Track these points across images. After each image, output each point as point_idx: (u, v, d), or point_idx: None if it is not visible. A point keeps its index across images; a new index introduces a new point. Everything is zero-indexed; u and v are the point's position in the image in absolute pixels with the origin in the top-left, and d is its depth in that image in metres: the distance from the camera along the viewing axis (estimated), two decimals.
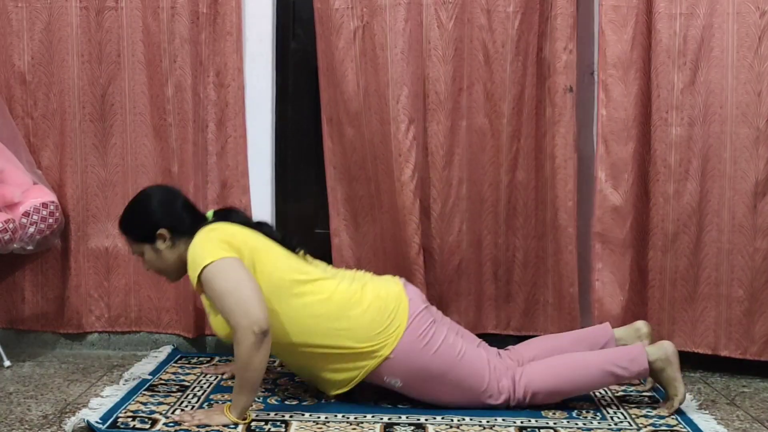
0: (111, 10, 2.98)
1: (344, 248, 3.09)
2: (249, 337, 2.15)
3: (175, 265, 2.44)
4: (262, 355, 2.19)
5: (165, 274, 2.51)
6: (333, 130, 3.03)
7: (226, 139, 3.03)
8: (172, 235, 2.41)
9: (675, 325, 2.89)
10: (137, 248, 2.48)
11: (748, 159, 2.78)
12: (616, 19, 2.84)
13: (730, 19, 2.78)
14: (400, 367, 2.36)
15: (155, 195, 2.49)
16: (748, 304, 2.82)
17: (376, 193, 3.04)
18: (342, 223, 3.08)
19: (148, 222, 2.42)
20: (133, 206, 2.50)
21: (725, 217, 2.82)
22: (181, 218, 2.43)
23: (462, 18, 2.91)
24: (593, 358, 2.46)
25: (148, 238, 2.43)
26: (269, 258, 2.37)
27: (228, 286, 2.22)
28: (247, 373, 2.20)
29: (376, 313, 2.36)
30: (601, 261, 2.93)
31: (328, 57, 2.98)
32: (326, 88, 3.01)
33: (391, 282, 2.49)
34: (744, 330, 2.83)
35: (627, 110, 2.86)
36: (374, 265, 3.06)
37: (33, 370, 2.86)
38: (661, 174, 2.84)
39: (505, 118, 2.95)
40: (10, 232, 2.81)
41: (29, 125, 3.03)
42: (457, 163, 2.97)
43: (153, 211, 2.43)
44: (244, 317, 2.17)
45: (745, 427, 2.38)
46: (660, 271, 2.87)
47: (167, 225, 2.41)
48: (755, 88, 2.77)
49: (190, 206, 2.51)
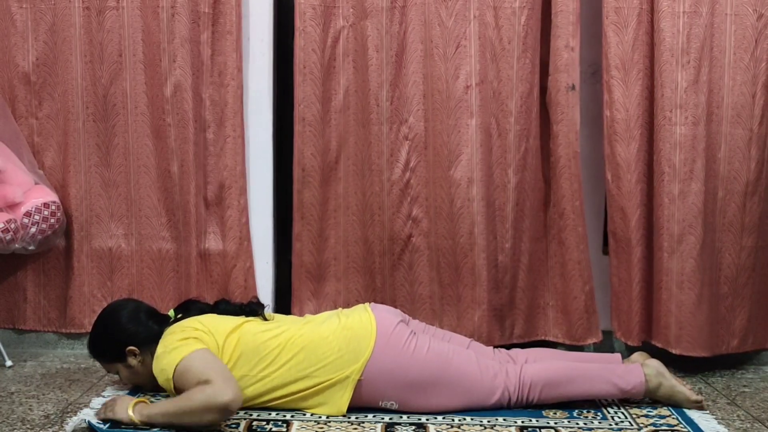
0: (112, 10, 2.98)
1: (305, 253, 3.06)
2: (221, 401, 2.12)
3: (150, 376, 2.45)
4: (210, 421, 2.16)
5: (145, 386, 2.54)
6: (305, 130, 3.01)
7: (224, 139, 3.03)
8: (141, 348, 2.45)
9: (682, 330, 2.84)
10: (111, 368, 2.54)
11: (741, 160, 2.82)
12: (618, 21, 2.84)
13: (729, 20, 2.80)
14: (387, 387, 2.36)
15: (117, 314, 2.52)
16: (731, 300, 2.88)
17: (344, 195, 3.04)
18: (305, 227, 3.05)
19: (116, 341, 2.47)
20: (99, 329, 2.53)
21: (717, 217, 2.86)
22: (148, 328, 2.47)
23: (465, 15, 2.90)
24: (591, 365, 2.49)
25: (119, 358, 2.48)
26: (234, 333, 2.39)
27: (202, 367, 2.23)
28: (183, 417, 2.17)
29: (344, 343, 2.37)
30: (616, 257, 2.94)
31: (306, 54, 2.98)
32: (301, 86, 2.99)
33: (358, 310, 2.51)
34: (726, 325, 2.89)
35: (629, 111, 2.86)
36: (334, 268, 3.07)
37: (35, 370, 2.87)
38: (666, 174, 2.84)
39: (513, 116, 2.94)
40: (11, 232, 2.81)
41: (33, 125, 3.04)
42: (466, 162, 2.93)
43: (118, 331, 2.48)
44: (227, 385, 2.15)
45: (745, 426, 2.38)
46: (666, 273, 2.86)
47: (134, 341, 2.45)
48: (750, 90, 2.80)
49: (152, 312, 2.56)
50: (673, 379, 2.48)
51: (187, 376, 2.23)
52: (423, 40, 2.92)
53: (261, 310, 2.56)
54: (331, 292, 3.09)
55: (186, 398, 2.18)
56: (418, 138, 2.96)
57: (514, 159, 2.95)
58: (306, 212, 3.04)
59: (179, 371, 2.24)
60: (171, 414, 2.18)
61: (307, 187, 3.03)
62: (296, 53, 2.97)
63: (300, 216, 3.04)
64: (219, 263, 3.04)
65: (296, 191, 3.03)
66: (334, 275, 3.08)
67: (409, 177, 2.98)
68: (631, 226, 2.89)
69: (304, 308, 3.07)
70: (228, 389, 2.14)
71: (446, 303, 3.00)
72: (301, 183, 3.02)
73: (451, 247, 2.96)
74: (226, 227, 3.03)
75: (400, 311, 2.61)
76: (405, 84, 2.95)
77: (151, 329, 2.46)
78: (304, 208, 3.04)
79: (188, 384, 2.21)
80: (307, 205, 3.03)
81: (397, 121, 2.97)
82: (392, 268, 3.02)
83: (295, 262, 3.07)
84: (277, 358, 2.36)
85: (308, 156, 3.01)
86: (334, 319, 2.46)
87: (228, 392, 2.14)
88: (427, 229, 2.99)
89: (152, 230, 3.06)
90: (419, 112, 2.95)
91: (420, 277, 3.01)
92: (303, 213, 3.04)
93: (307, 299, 3.08)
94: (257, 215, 3.10)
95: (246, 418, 2.33)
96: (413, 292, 3.02)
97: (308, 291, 3.08)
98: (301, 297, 3.08)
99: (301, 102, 2.99)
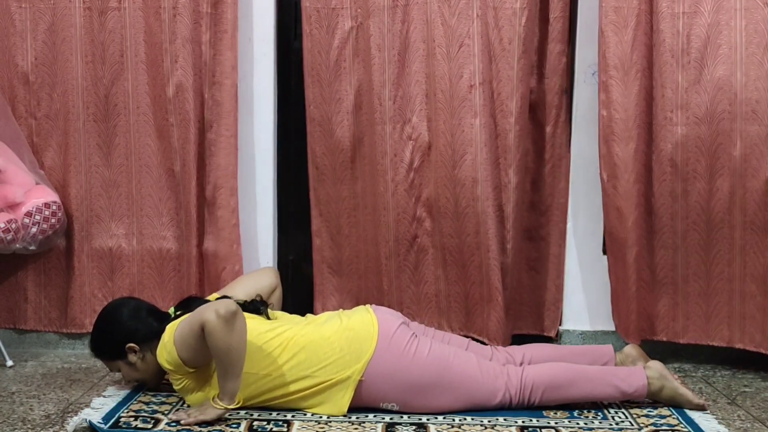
0: (114, 11, 2.98)
1: (325, 249, 3.10)
2: (217, 322, 2.16)
3: (152, 374, 2.50)
4: (238, 336, 2.20)
5: (146, 383, 2.57)
6: (317, 130, 3.03)
7: (218, 138, 3.01)
8: (141, 345, 2.47)
9: (689, 320, 2.90)
10: (113, 365, 2.55)
11: (759, 156, 2.75)
12: (616, 21, 2.83)
13: (738, 15, 2.74)
14: (388, 389, 2.36)
15: (119, 312, 2.54)
16: (761, 300, 2.81)
17: (362, 194, 3.05)
18: (324, 224, 3.09)
19: (116, 339, 2.48)
20: (99, 328, 2.55)
21: (736, 215, 2.80)
22: (148, 325, 2.48)
23: (469, 14, 2.89)
24: (592, 368, 2.49)
25: (120, 355, 2.49)
26: None
27: (189, 320, 2.27)
28: (228, 358, 2.21)
29: (345, 343, 2.37)
30: (613, 257, 2.94)
31: (314, 55, 2.99)
32: (311, 87, 3.01)
33: (359, 311, 2.51)
34: (758, 325, 2.83)
35: (627, 111, 2.85)
36: (355, 266, 3.09)
37: (35, 370, 2.87)
38: (668, 173, 2.83)
39: (513, 117, 2.93)
40: (12, 232, 2.81)
41: (32, 125, 3.04)
42: (470, 162, 2.92)
43: (119, 329, 2.49)
44: (207, 311, 2.19)
45: (746, 426, 2.38)
46: (672, 269, 2.88)
47: (134, 338, 2.46)
48: (764, 85, 2.72)
49: (153, 310, 2.57)
50: (675, 381, 2.48)
51: (185, 337, 2.25)
52: (425, 39, 2.92)
53: (264, 308, 2.56)
54: (353, 289, 3.12)
55: (214, 353, 2.21)
56: (422, 138, 2.96)
57: (514, 159, 2.95)
58: (323, 209, 3.07)
59: (178, 339, 2.27)
60: (223, 367, 2.23)
61: (322, 185, 3.06)
62: (305, 56, 2.99)
63: (318, 212, 3.08)
64: (213, 264, 3.04)
65: (312, 189, 3.07)
66: (356, 272, 3.10)
67: (414, 177, 2.99)
68: (627, 225, 2.88)
69: (327, 303, 3.12)
70: (216, 309, 2.17)
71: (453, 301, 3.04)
72: (316, 181, 3.06)
73: (457, 246, 2.98)
74: (218, 228, 3.03)
75: (401, 313, 2.61)
76: (408, 83, 2.95)
77: (151, 326, 2.47)
78: (321, 205, 3.07)
79: (191, 341, 2.24)
80: (324, 202, 3.06)
81: (400, 121, 2.97)
82: (398, 269, 3.03)
83: (316, 257, 3.10)
84: (279, 358, 2.36)
85: (320, 155, 3.04)
86: (336, 319, 2.47)
87: (219, 309, 2.17)
88: (431, 228, 3.00)
89: (153, 230, 3.06)
90: (422, 111, 2.95)
91: (426, 276, 3.04)
92: (320, 210, 3.07)
93: (330, 294, 3.12)
94: (260, 214, 3.11)
95: (247, 418, 2.33)
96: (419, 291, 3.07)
97: (331, 286, 3.12)
98: (323, 292, 3.12)
99: (311, 103, 3.01)
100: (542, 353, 2.61)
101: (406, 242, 3.01)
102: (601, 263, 3.05)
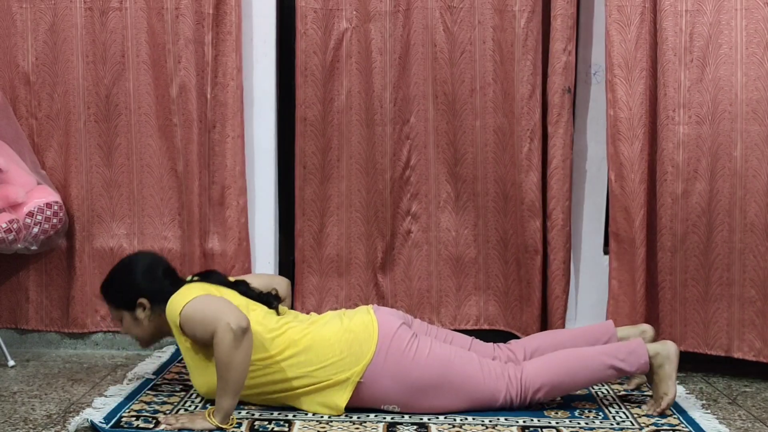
0: (115, 11, 2.99)
1: (306, 249, 3.10)
2: (227, 335, 2.16)
3: (150, 333, 2.49)
4: (243, 354, 2.19)
5: (138, 340, 2.55)
6: (306, 129, 3.04)
7: (225, 139, 3.03)
8: (152, 303, 2.44)
9: (687, 326, 2.86)
10: (116, 314, 2.52)
11: (760, 157, 2.74)
12: (620, 19, 2.83)
13: (738, 15, 2.74)
14: (388, 391, 2.36)
15: (138, 263, 2.52)
16: (761, 305, 2.78)
17: (347, 192, 3.06)
18: (306, 223, 3.09)
19: (129, 290, 2.46)
20: (115, 273, 2.53)
21: (736, 217, 2.79)
22: (162, 285, 2.45)
23: (470, 20, 2.93)
24: (593, 351, 2.45)
25: (129, 306, 2.46)
26: (248, 315, 2.37)
27: (204, 308, 2.26)
28: (228, 374, 2.19)
29: (345, 345, 2.37)
30: (617, 260, 2.93)
31: (308, 55, 2.99)
32: (302, 86, 3.01)
33: (361, 312, 2.50)
34: (758, 331, 2.79)
35: (632, 110, 2.85)
36: (336, 264, 3.09)
37: (37, 370, 2.87)
38: (669, 173, 2.83)
39: (515, 117, 2.95)
40: (14, 233, 2.82)
41: (33, 125, 3.04)
42: (471, 161, 3.00)
43: (135, 280, 2.47)
44: (221, 319, 2.18)
45: (746, 426, 2.38)
46: (670, 272, 2.86)
47: (148, 294, 2.44)
48: (765, 85, 2.72)
49: (170, 272, 2.54)
50: (675, 372, 2.42)
51: (192, 324, 2.26)
52: (425, 43, 2.96)
53: (276, 303, 2.54)
54: (333, 288, 3.11)
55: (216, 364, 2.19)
56: (419, 137, 3.00)
57: (518, 159, 2.96)
58: (307, 209, 3.07)
59: (187, 309, 2.26)
60: (224, 383, 2.20)
61: (309, 185, 3.06)
62: (297, 56, 2.99)
63: (302, 213, 3.07)
64: (220, 263, 3.04)
65: (298, 188, 3.06)
66: (336, 271, 3.10)
67: (409, 174, 3.03)
68: (635, 226, 2.87)
69: (306, 303, 3.10)
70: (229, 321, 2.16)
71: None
72: (302, 180, 3.05)
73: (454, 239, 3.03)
74: (226, 227, 3.04)
75: (402, 313, 2.62)
76: (408, 86, 2.98)
77: (163, 286, 2.44)
78: (305, 205, 3.07)
79: (197, 329, 2.24)
80: (309, 201, 3.07)
81: (399, 122, 3.00)
82: (393, 263, 3.07)
83: (298, 257, 3.10)
84: (279, 354, 2.36)
85: (309, 154, 3.04)
86: (337, 320, 2.47)
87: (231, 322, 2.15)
88: (426, 224, 3.05)
89: (155, 230, 3.07)
90: (420, 112, 2.99)
91: (419, 271, 3.08)
92: (304, 209, 3.07)
93: (309, 293, 3.11)
94: (260, 214, 3.11)
95: (248, 417, 2.33)
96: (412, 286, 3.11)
97: (310, 286, 3.11)
98: (303, 291, 3.11)
99: (302, 103, 3.01)
100: (542, 344, 2.59)
101: (400, 237, 3.06)
102: (602, 263, 3.05)
